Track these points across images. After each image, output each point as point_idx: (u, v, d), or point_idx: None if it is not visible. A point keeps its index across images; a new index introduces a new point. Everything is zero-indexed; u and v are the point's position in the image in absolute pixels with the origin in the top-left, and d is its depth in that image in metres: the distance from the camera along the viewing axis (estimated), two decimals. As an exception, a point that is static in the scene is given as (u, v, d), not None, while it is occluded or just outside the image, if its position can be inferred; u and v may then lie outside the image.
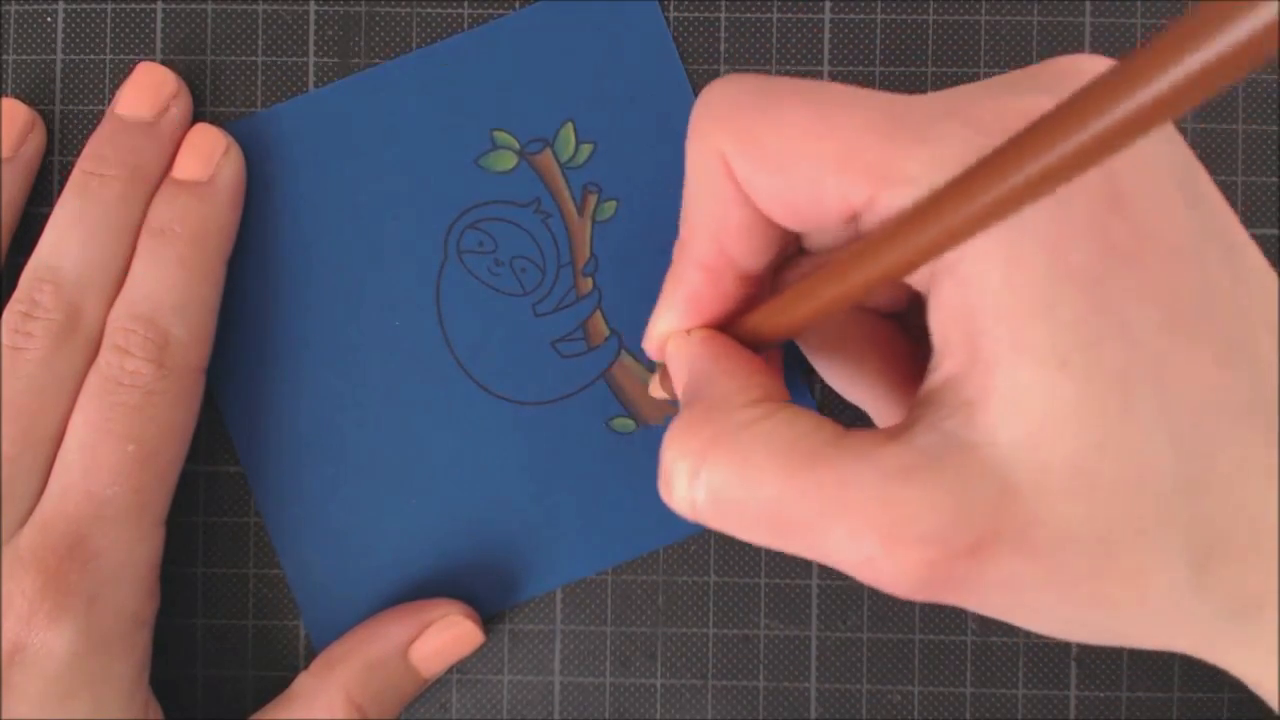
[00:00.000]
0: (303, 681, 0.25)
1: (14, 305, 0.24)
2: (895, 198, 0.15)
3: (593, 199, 0.27)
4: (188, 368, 0.24)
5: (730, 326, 0.20)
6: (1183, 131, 0.27)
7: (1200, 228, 0.16)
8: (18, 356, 0.23)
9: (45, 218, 0.25)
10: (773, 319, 0.19)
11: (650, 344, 0.21)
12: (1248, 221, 0.27)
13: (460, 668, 0.27)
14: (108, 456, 0.23)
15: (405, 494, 0.27)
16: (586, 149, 0.27)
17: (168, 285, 0.24)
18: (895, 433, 0.16)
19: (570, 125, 0.27)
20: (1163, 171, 0.16)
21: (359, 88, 0.27)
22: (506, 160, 0.27)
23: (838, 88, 0.17)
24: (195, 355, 0.24)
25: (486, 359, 0.27)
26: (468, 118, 0.27)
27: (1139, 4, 0.27)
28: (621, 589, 0.27)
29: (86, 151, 0.25)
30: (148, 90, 0.25)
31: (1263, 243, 0.27)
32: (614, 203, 0.27)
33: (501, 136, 0.27)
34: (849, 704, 0.27)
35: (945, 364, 0.16)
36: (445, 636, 0.25)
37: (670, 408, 0.27)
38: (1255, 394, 0.15)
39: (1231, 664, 0.16)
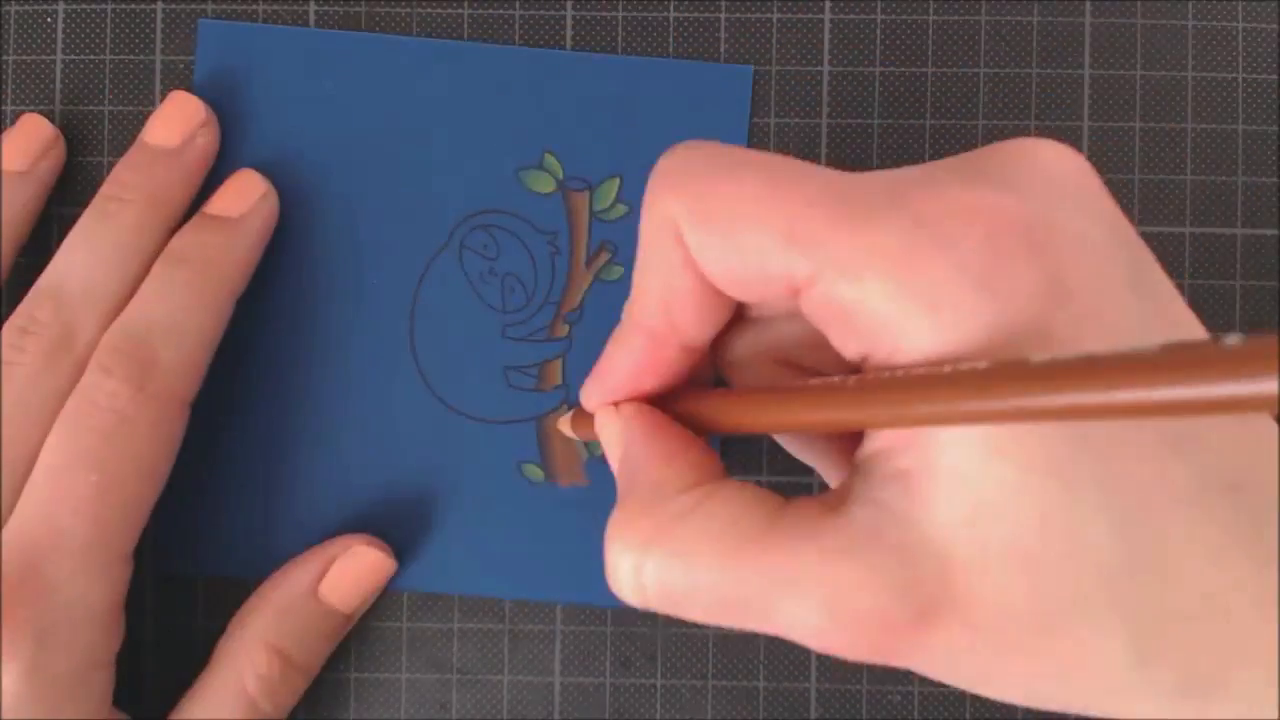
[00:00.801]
0: (221, 645, 0.25)
1: (14, 320, 0.24)
2: (834, 283, 0.16)
3: (605, 256, 0.27)
4: (170, 396, 0.24)
5: (668, 399, 0.20)
6: (1183, 134, 0.27)
7: (1145, 314, 0.16)
8: (9, 371, 0.23)
9: (55, 225, 0.25)
10: (719, 417, 0.19)
11: (587, 394, 0.21)
12: (1248, 222, 0.27)
13: (461, 669, 0.27)
14: (71, 485, 0.22)
15: (307, 438, 0.27)
16: (622, 209, 0.27)
17: (168, 307, 0.24)
18: (833, 504, 0.16)
19: (617, 180, 0.27)
20: (1110, 264, 0.16)
21: (435, 54, 0.27)
22: (546, 184, 0.27)
23: (790, 163, 0.17)
24: (181, 384, 0.24)
25: (439, 355, 0.27)
26: (528, 129, 0.27)
27: (1139, 4, 0.27)
28: (621, 589, 0.27)
29: (110, 176, 0.25)
30: (176, 119, 0.25)
31: (1262, 243, 0.27)
32: (622, 268, 0.27)
33: (550, 160, 0.27)
34: (849, 704, 0.27)
35: (881, 435, 0.16)
36: (351, 568, 0.25)
37: (579, 475, 0.27)
38: (1204, 479, 0.15)
39: None
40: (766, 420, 0.18)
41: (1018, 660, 0.15)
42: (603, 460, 0.27)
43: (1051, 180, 0.16)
